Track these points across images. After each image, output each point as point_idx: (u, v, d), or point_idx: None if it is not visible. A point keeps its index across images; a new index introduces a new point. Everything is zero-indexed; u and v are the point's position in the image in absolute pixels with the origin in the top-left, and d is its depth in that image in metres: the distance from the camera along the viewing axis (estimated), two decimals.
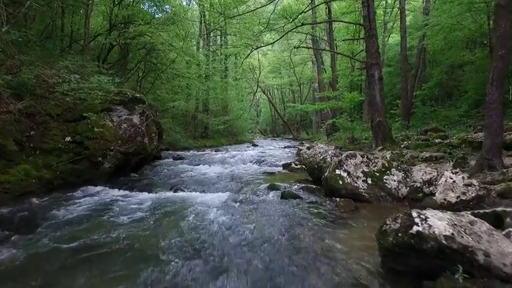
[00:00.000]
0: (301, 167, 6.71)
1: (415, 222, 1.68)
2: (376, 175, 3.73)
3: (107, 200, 3.95)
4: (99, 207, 3.56)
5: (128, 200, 3.96)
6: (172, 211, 3.31)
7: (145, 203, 3.73)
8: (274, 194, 4.11)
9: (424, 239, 1.58)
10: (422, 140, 7.09)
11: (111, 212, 3.33)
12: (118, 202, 3.81)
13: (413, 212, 1.76)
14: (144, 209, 3.40)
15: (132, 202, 3.77)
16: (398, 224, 1.76)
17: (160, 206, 3.56)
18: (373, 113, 8.06)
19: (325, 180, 4.01)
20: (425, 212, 1.72)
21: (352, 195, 3.65)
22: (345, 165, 3.84)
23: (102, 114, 5.35)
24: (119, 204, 3.70)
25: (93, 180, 5.16)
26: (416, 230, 1.63)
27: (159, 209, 3.43)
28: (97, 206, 3.65)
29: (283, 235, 2.48)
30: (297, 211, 3.28)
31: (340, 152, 4.93)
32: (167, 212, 3.30)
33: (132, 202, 3.77)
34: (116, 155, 5.36)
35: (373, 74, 8.01)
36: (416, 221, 1.68)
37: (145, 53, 8.23)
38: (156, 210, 3.32)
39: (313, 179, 4.87)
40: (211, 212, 3.18)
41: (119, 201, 3.83)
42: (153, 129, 6.52)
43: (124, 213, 3.25)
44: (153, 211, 3.31)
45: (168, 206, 3.55)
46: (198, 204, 3.52)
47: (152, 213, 3.23)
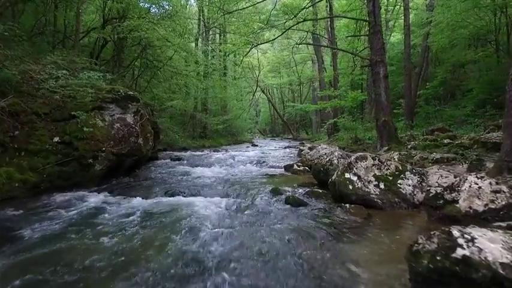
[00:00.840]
0: (304, 168, 6.41)
1: (458, 243, 1.37)
2: (389, 179, 3.42)
3: (94, 206, 3.62)
4: (84, 215, 3.23)
5: (118, 206, 3.63)
6: (164, 221, 2.98)
7: (136, 210, 3.40)
8: (278, 199, 3.80)
9: (473, 267, 1.27)
10: (430, 141, 6.79)
11: (97, 222, 3.00)
12: (106, 209, 3.48)
13: (454, 230, 1.44)
14: (134, 219, 3.07)
15: (121, 209, 3.44)
16: (435, 244, 1.45)
17: (152, 214, 3.24)
18: (378, 112, 7.77)
19: (332, 185, 3.70)
20: (469, 231, 1.41)
21: (363, 201, 3.34)
22: (354, 168, 3.53)
23: (93, 113, 5.02)
24: (106, 211, 3.38)
25: (83, 183, 4.84)
26: (461, 254, 1.32)
27: (150, 218, 3.10)
28: (82, 213, 3.32)
29: (292, 253, 2.16)
30: (304, 220, 2.97)
31: (348, 154, 4.63)
32: (159, 222, 2.98)
33: (121, 209, 3.44)
34: (107, 156, 5.03)
35: (378, 71, 7.72)
36: (460, 241, 1.37)
37: (141, 50, 7.88)
38: (146, 220, 3.00)
39: (318, 182, 4.56)
40: (208, 222, 2.86)
41: (107, 208, 3.51)
42: (148, 129, 6.20)
43: (110, 224, 2.92)
44: (144, 221, 2.98)
45: (160, 214, 3.22)
46: (194, 213, 3.19)
47: (142, 224, 2.91)
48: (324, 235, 2.53)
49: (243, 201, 3.71)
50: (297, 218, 3.04)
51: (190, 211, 3.22)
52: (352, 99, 9.97)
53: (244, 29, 9.62)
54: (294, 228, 2.69)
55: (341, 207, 3.37)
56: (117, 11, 6.97)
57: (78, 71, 4.87)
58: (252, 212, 3.27)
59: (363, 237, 2.48)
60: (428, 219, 2.89)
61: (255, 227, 2.74)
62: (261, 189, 4.35)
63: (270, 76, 34.33)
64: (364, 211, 3.20)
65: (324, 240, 2.42)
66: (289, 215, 3.13)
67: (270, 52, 31.50)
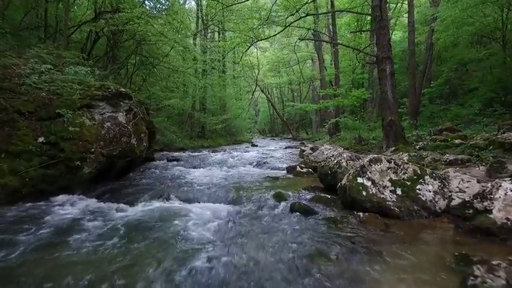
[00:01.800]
0: (308, 170, 6.07)
1: None
2: (407, 184, 3.07)
3: (80, 213, 3.26)
4: (65, 225, 2.86)
5: (104, 214, 3.27)
6: (155, 232, 2.62)
7: (124, 219, 3.05)
8: (282, 205, 3.45)
9: None
10: (440, 141, 6.44)
11: (80, 232, 2.65)
12: (91, 217, 3.12)
13: None
14: (122, 228, 2.72)
15: (107, 218, 3.08)
16: (502, 280, 1.09)
17: (140, 225, 2.87)
18: (385, 111, 7.42)
19: (342, 190, 3.35)
20: None
21: (379, 209, 2.99)
22: (368, 172, 3.17)
23: (81, 111, 4.65)
24: (90, 220, 3.01)
25: (70, 187, 4.46)
26: None
27: (139, 228, 2.74)
28: (63, 222, 2.96)
29: (302, 276, 1.80)
30: (312, 232, 2.61)
31: (357, 155, 4.28)
32: (149, 232, 2.62)
33: (107, 218, 3.08)
34: (97, 158, 4.66)
35: (385, 68, 7.38)
36: None
37: (136, 45, 7.49)
38: (132, 232, 2.63)
39: (325, 187, 4.21)
40: (204, 234, 2.51)
41: (92, 216, 3.14)
42: (142, 128, 5.83)
43: (95, 234, 2.57)
44: (129, 233, 2.62)
45: (151, 223, 2.86)
46: (189, 222, 2.84)
47: (130, 235, 2.55)
48: (338, 252, 2.18)
49: (244, 209, 3.35)
50: (306, 230, 2.68)
51: (183, 221, 2.86)
52: (356, 98, 9.62)
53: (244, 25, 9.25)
54: (303, 243, 2.33)
55: (353, 216, 3.02)
56: (110, 4, 6.59)
57: (65, 66, 4.49)
58: (254, 222, 2.91)
59: (383, 255, 2.13)
60: (456, 231, 2.54)
61: (257, 241, 2.38)
62: (263, 193, 4.00)
63: (270, 75, 33.96)
64: (380, 221, 2.85)
65: (340, 259, 2.07)
66: (296, 226, 2.78)
67: (270, 51, 31.13)
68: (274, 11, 9.09)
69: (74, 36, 7.64)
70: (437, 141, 6.54)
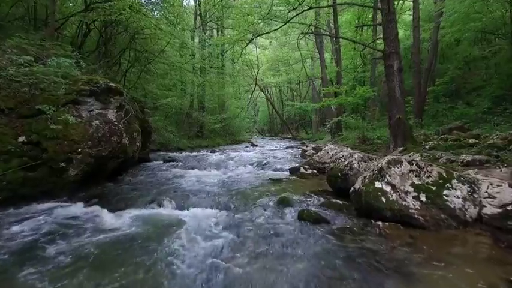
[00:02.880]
0: (313, 172, 5.70)
1: None
2: (432, 189, 2.69)
3: (58, 224, 2.86)
4: (45, 235, 2.49)
5: (88, 223, 2.88)
6: (143, 246, 2.24)
7: (109, 229, 2.66)
8: (288, 213, 3.06)
9: None
10: (452, 140, 6.08)
11: (59, 244, 2.27)
12: (72, 226, 2.73)
13: None
14: (102, 246, 2.33)
15: (90, 227, 2.70)
16: None
17: (130, 234, 2.50)
18: (392, 109, 7.04)
19: (357, 196, 2.97)
20: None
21: (400, 218, 2.61)
22: (387, 175, 2.79)
23: (67, 107, 4.25)
24: (71, 230, 2.63)
25: (55, 191, 4.07)
26: None
27: (126, 240, 2.37)
28: (43, 232, 2.58)
29: None
30: (326, 246, 2.24)
31: (369, 156, 3.90)
32: (136, 246, 2.24)
33: (90, 227, 2.70)
34: (84, 159, 4.26)
35: (392, 64, 6.99)
36: None
37: (130, 39, 7.07)
38: (117, 246, 2.25)
39: (334, 191, 3.83)
40: (199, 248, 2.13)
41: (74, 225, 2.76)
42: (135, 127, 5.43)
43: (68, 251, 2.19)
44: (114, 246, 2.24)
45: (137, 238, 2.47)
46: (182, 236, 2.45)
47: (116, 248, 2.18)
48: (362, 275, 1.80)
49: (245, 217, 2.97)
50: (317, 243, 2.30)
51: (174, 236, 2.47)
52: (360, 96, 9.25)
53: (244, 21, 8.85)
54: (317, 262, 1.95)
55: (371, 225, 2.65)
56: None
57: (49, 58, 4.10)
58: (257, 233, 2.53)
59: (416, 279, 1.75)
60: (496, 246, 2.17)
61: (262, 262, 2.00)
62: (266, 198, 3.62)
63: (269, 74, 33.54)
64: (403, 232, 2.48)
65: (358, 279, 1.69)
66: (306, 238, 2.40)
67: (270, 49, 30.70)
68: (275, 5, 8.71)
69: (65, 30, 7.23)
70: (449, 140, 6.17)
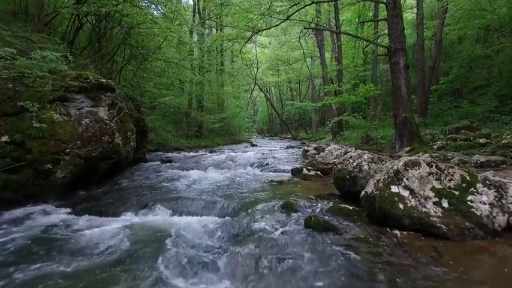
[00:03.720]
0: (316, 173, 5.43)
1: None
2: (455, 194, 2.42)
3: (38, 235, 2.58)
4: (25, 247, 2.20)
5: (73, 233, 2.60)
6: (127, 269, 1.95)
7: (96, 240, 2.38)
8: (293, 219, 2.78)
9: None
10: (461, 140, 5.81)
11: (39, 257, 1.99)
12: (53, 239, 2.45)
13: None
14: (91, 252, 2.05)
15: (75, 240, 2.41)
16: None
17: (115, 252, 2.20)
18: (398, 108, 6.77)
19: (369, 201, 2.69)
20: None
21: (420, 227, 2.34)
22: (404, 178, 2.51)
23: (54, 105, 3.96)
24: (51, 243, 2.34)
25: (41, 195, 3.79)
26: None
27: (109, 261, 2.07)
28: (22, 243, 2.29)
29: None
30: (340, 259, 1.96)
31: (379, 157, 3.62)
32: (120, 269, 1.95)
33: (75, 240, 2.41)
34: (73, 160, 3.98)
35: (398, 61, 6.73)
36: None
37: (125, 34, 6.75)
38: (103, 266, 1.96)
39: (342, 194, 3.55)
40: (194, 263, 1.84)
41: (55, 238, 2.48)
42: (129, 126, 5.14)
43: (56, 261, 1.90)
44: (99, 267, 1.95)
45: (126, 251, 2.19)
46: (176, 247, 2.17)
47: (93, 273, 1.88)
48: None
49: (246, 225, 2.68)
50: (330, 257, 2.02)
51: (168, 248, 2.18)
52: (363, 94, 8.98)
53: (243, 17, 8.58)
54: (329, 280, 1.67)
55: (387, 235, 2.37)
56: None
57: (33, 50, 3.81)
58: (260, 246, 2.24)
59: None
60: None
61: (266, 281, 1.71)
62: (269, 203, 3.34)
63: (269, 74, 33.26)
64: (424, 243, 2.20)
65: None
66: (316, 251, 2.12)
67: (269, 48, 30.40)
68: (275, 0, 8.43)
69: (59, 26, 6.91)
70: (459, 140, 5.91)
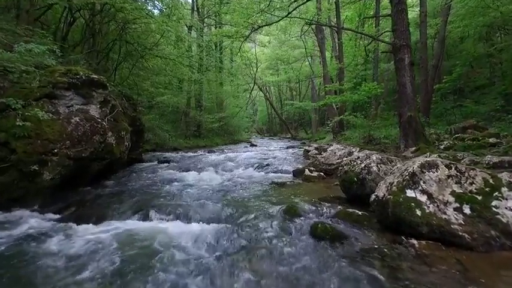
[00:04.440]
0: (319, 174, 5.19)
1: None
2: (477, 199, 2.19)
3: (20, 242, 2.34)
4: None
5: (57, 241, 2.36)
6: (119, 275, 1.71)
7: (80, 251, 2.14)
8: (298, 226, 2.55)
9: None
10: (469, 140, 5.59)
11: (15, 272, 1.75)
12: (34, 247, 2.21)
13: None
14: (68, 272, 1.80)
15: (58, 248, 2.17)
16: None
17: (105, 255, 1.98)
18: (403, 106, 6.54)
19: (381, 206, 2.45)
20: None
21: (440, 235, 2.11)
22: (421, 181, 2.28)
23: (42, 102, 3.72)
24: (31, 252, 2.10)
25: (27, 198, 3.54)
26: None
27: (94, 270, 1.83)
28: None
29: None
30: (355, 276, 1.72)
31: (388, 158, 3.39)
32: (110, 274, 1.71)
33: (58, 248, 2.17)
34: (61, 161, 3.73)
35: (403, 58, 6.50)
36: None
37: (120, 29, 6.48)
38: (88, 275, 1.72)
39: (349, 197, 3.31)
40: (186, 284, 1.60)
41: (36, 246, 2.24)
42: (123, 125, 4.90)
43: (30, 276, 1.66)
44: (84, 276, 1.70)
45: (113, 260, 1.95)
46: (168, 258, 1.94)
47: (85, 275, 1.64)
48: None
49: (246, 233, 2.45)
50: (341, 271, 1.79)
51: (158, 262, 1.94)
52: (366, 93, 8.75)
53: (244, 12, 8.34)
54: None
55: (404, 244, 2.14)
56: None
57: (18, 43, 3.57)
58: (262, 259, 2.00)
59: None
60: None
61: None
62: (271, 207, 3.10)
63: (268, 73, 33.04)
64: (446, 254, 1.97)
65: None
66: (326, 264, 1.88)
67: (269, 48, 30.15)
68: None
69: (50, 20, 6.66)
70: (467, 140, 5.68)
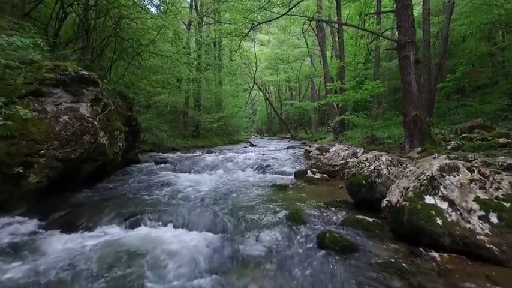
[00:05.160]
0: (322, 176, 4.98)
1: None
2: (505, 207, 1.96)
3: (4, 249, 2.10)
4: None
5: (37, 253, 2.12)
6: None
7: (61, 260, 1.90)
8: (303, 235, 2.32)
9: None
10: (478, 140, 5.37)
11: None
12: (8, 257, 1.97)
13: None
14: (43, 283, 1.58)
15: (37, 262, 1.93)
16: None
17: (84, 271, 1.74)
18: (408, 105, 6.31)
19: (394, 212, 2.22)
20: None
21: (464, 247, 1.88)
22: (441, 186, 2.05)
23: (27, 99, 3.48)
24: (5, 263, 1.86)
25: (10, 203, 3.30)
26: None
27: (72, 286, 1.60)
28: None
29: None
30: None
31: (398, 159, 3.16)
32: None
33: (37, 262, 1.93)
34: (49, 162, 3.49)
35: (408, 55, 6.27)
36: None
37: (115, 24, 6.21)
38: None
39: (356, 202, 3.08)
40: None
41: (12, 256, 1.99)
42: (117, 124, 4.65)
43: None
44: None
45: (98, 271, 1.72)
46: (158, 273, 1.70)
47: None
48: None
49: (246, 244, 2.21)
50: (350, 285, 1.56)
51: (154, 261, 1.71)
52: (370, 92, 8.54)
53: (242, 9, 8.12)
54: None
55: (423, 257, 1.91)
56: None
57: None
58: (263, 275, 1.77)
59: None
60: None
61: None
62: (272, 212, 2.88)
63: (268, 73, 32.80)
64: (473, 270, 1.74)
65: None
66: (335, 282, 1.65)
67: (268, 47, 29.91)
68: None
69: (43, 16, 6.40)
70: (475, 140, 5.46)
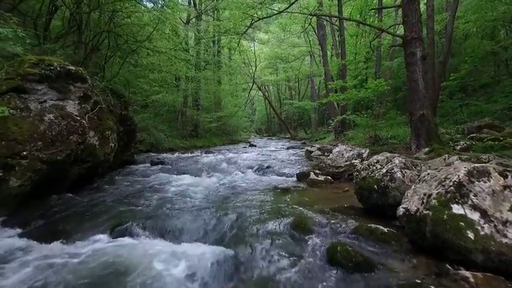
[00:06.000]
0: (326, 178, 4.71)
1: None
2: None
3: None
4: None
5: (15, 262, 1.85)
6: None
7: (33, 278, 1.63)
8: (310, 248, 2.06)
9: None
10: (490, 140, 5.12)
11: None
12: None
13: None
14: None
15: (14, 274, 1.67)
16: None
17: None
18: (414, 104, 6.06)
19: (414, 222, 1.96)
20: None
21: (499, 265, 1.62)
22: (471, 194, 1.79)
23: (8, 96, 3.20)
24: None
25: None
26: None
27: None
28: None
29: None
30: None
31: (412, 162, 2.89)
32: None
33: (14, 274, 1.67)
34: (32, 165, 3.22)
35: (414, 52, 6.02)
36: None
37: (108, 19, 5.93)
38: None
39: (366, 207, 2.81)
40: None
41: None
42: (108, 123, 4.38)
43: None
44: None
45: None
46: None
47: None
48: None
49: (246, 259, 1.95)
50: None
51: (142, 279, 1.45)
52: (373, 90, 8.28)
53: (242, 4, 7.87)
54: None
55: (452, 277, 1.64)
56: None
57: None
58: None
59: None
60: None
61: None
62: (275, 220, 2.61)
63: (267, 72, 32.57)
64: None
65: None
66: None
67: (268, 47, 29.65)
68: None
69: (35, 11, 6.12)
70: (486, 140, 5.21)
